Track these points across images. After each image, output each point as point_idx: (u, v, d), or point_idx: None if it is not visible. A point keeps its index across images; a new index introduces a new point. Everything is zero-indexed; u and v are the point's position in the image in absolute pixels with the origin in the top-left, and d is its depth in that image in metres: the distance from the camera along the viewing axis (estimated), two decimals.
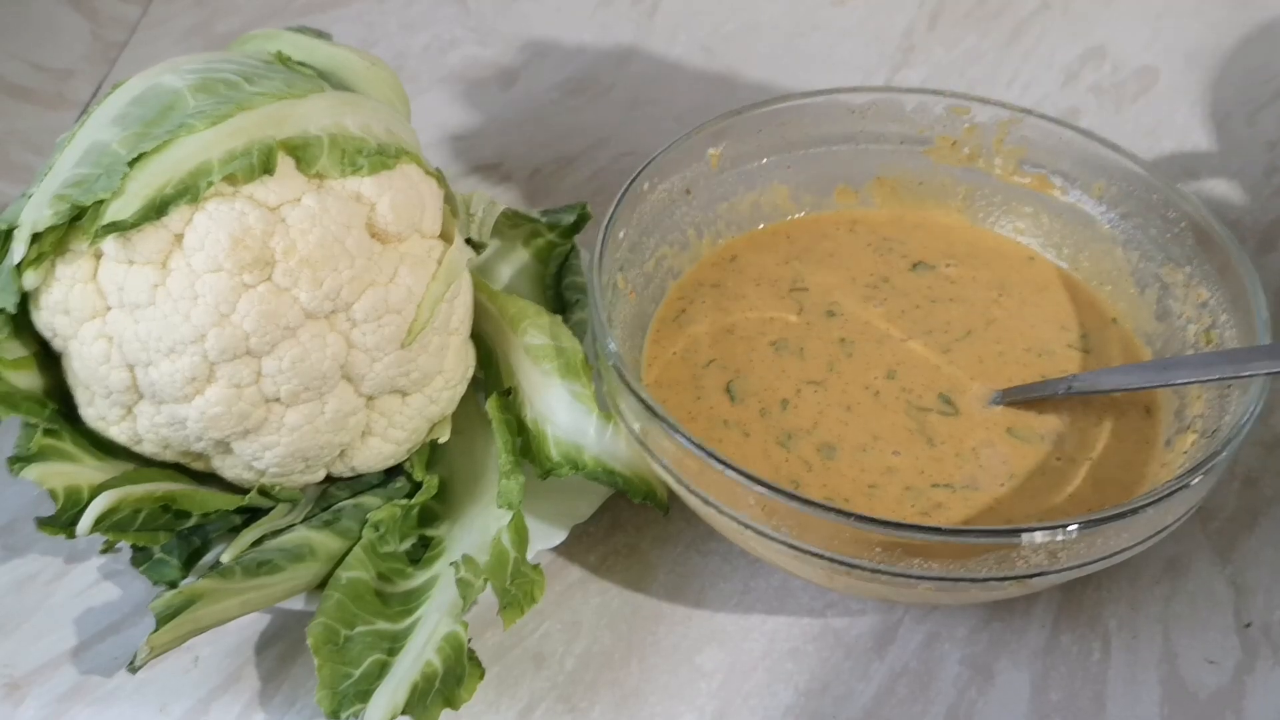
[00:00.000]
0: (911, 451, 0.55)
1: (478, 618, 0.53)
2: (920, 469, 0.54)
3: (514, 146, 0.83)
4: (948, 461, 0.55)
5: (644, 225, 0.61)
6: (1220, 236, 0.57)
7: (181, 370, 0.50)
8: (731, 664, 0.55)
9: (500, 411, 0.56)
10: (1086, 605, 0.57)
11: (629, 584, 0.58)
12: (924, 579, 0.47)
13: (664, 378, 0.59)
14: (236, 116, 0.50)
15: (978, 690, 0.54)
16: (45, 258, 0.50)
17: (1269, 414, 0.65)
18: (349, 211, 0.51)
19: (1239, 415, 0.50)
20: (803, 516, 0.47)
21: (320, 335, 0.51)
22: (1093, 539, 0.46)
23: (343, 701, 0.48)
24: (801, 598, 0.57)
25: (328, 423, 0.53)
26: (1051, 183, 0.64)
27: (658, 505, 0.56)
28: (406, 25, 0.94)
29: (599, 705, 0.53)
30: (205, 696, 0.54)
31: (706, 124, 0.62)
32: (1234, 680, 0.54)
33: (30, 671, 0.54)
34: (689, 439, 0.48)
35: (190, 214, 0.49)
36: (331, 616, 0.51)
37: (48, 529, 0.52)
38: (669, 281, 0.64)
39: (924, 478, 0.54)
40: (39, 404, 0.53)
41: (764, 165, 0.65)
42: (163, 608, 0.50)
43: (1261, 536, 0.59)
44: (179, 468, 0.56)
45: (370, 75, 0.60)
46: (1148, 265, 0.61)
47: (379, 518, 0.55)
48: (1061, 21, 0.94)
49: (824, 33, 0.93)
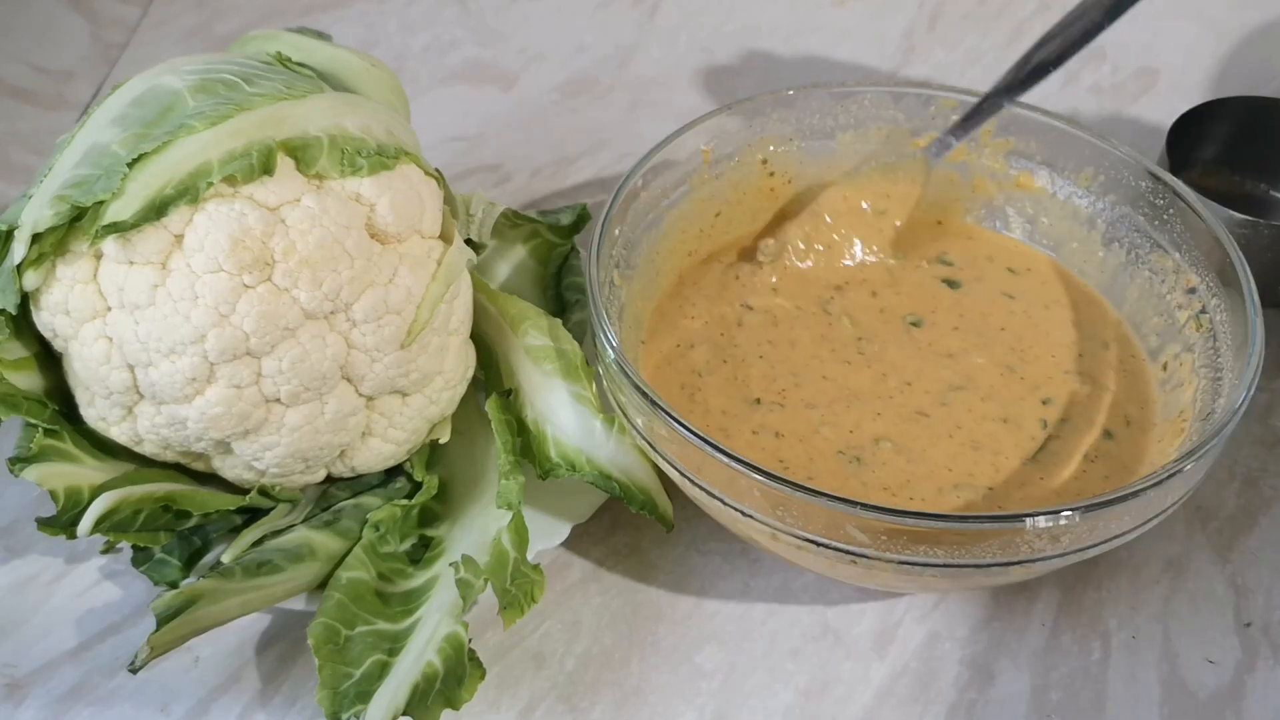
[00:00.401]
0: (911, 435, 0.56)
1: (478, 618, 0.53)
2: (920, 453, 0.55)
3: (514, 147, 0.83)
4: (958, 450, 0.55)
5: (640, 222, 0.61)
6: (1209, 222, 0.57)
7: (182, 371, 0.50)
8: (731, 664, 0.55)
9: (500, 412, 0.56)
10: (1086, 605, 0.57)
11: (629, 584, 0.58)
12: (929, 566, 0.47)
13: (663, 372, 0.59)
14: (236, 117, 0.50)
15: (978, 690, 0.54)
16: (45, 258, 0.50)
17: (1269, 414, 0.65)
18: (349, 212, 0.51)
19: (1233, 400, 0.50)
20: (806, 505, 0.47)
21: (320, 336, 0.51)
22: (1093, 523, 0.46)
23: (343, 702, 0.48)
24: (802, 597, 0.57)
25: (328, 423, 0.53)
26: (1038, 173, 0.64)
27: (660, 518, 0.56)
28: (407, 26, 0.94)
29: (599, 705, 0.53)
30: (206, 696, 0.54)
31: (699, 120, 0.62)
32: (1234, 680, 0.54)
33: (31, 672, 0.54)
34: (691, 430, 0.48)
35: (190, 215, 0.49)
36: (332, 616, 0.51)
37: (48, 529, 0.52)
38: (667, 277, 0.64)
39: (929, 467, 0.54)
40: (40, 405, 0.53)
41: (756, 160, 0.65)
42: (163, 608, 0.50)
43: (1261, 536, 0.59)
44: (179, 468, 0.56)
45: (370, 76, 0.60)
46: (1136, 252, 0.61)
47: (379, 518, 0.56)
48: None
49: (824, 33, 0.94)
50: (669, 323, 0.62)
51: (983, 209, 0.67)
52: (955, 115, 0.64)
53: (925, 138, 0.65)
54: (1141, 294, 0.61)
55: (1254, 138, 0.73)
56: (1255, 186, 0.75)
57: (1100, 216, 0.63)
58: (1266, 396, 0.65)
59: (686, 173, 0.63)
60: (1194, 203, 0.58)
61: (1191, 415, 0.54)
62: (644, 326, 0.61)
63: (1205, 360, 0.55)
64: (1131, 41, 0.91)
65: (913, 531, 0.46)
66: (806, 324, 0.61)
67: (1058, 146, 0.63)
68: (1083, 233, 0.64)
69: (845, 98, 0.65)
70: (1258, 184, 0.75)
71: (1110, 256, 0.63)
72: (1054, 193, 0.64)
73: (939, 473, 0.54)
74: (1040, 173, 0.64)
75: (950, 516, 0.50)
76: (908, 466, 0.54)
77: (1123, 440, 0.56)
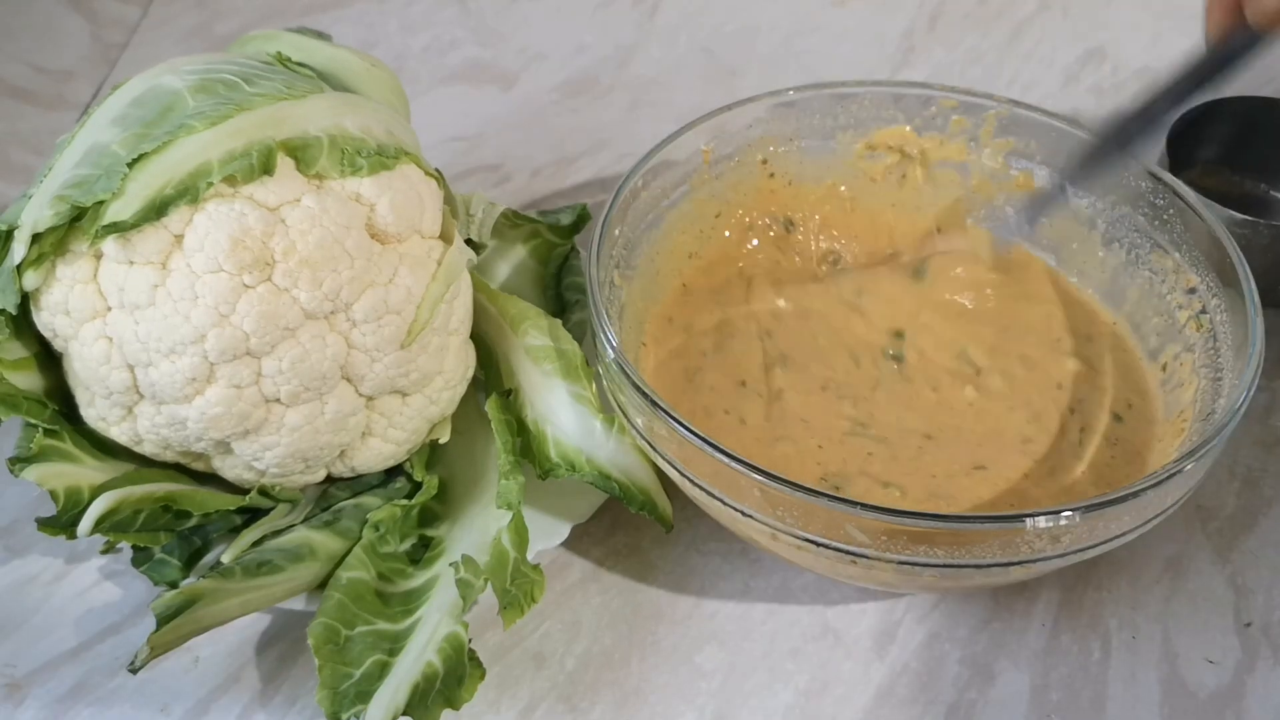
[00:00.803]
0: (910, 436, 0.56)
1: (478, 618, 0.53)
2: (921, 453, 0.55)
3: (514, 147, 0.83)
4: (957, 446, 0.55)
5: (640, 222, 0.61)
6: (1209, 222, 0.57)
7: (182, 371, 0.50)
8: (731, 664, 0.55)
9: (500, 412, 0.56)
10: (1086, 605, 0.57)
11: (629, 584, 0.58)
12: (929, 566, 0.47)
13: (663, 373, 0.59)
14: (236, 117, 0.50)
15: (978, 690, 0.54)
16: (46, 258, 0.50)
17: (1269, 414, 0.65)
18: (348, 212, 0.51)
19: (1233, 400, 0.50)
20: (806, 505, 0.47)
21: (320, 336, 0.51)
22: (1093, 523, 0.46)
23: (343, 702, 0.48)
24: (801, 597, 0.57)
25: (328, 423, 0.53)
26: (1038, 173, 0.64)
27: (659, 519, 0.56)
28: (407, 26, 0.94)
29: (599, 705, 0.53)
30: (206, 697, 0.54)
31: (699, 120, 0.62)
32: (1234, 680, 0.54)
33: (31, 672, 0.54)
34: (691, 430, 0.48)
35: (190, 215, 0.49)
36: (332, 616, 0.51)
37: (48, 530, 0.52)
38: (667, 278, 0.64)
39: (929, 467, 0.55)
40: (40, 405, 0.53)
41: (756, 160, 0.65)
42: (163, 608, 0.50)
43: (1261, 536, 0.59)
44: (179, 468, 0.56)
45: (370, 76, 0.60)
46: (1136, 252, 0.61)
47: (379, 518, 0.56)
48: (1061, 22, 0.94)
49: (824, 33, 0.94)
50: (671, 324, 0.62)
51: (983, 209, 0.66)
52: (955, 115, 0.64)
53: (922, 138, 0.65)
54: (1141, 294, 0.61)
55: (1254, 138, 0.73)
56: (1255, 186, 0.75)
57: (1100, 217, 0.63)
58: (1266, 396, 0.65)
59: (686, 173, 0.63)
60: (1194, 203, 0.58)
61: (1192, 415, 0.54)
62: (644, 327, 0.61)
63: (1205, 360, 0.55)
64: (1131, 41, 0.91)
65: (913, 532, 0.46)
66: (811, 326, 0.61)
67: (1058, 146, 0.63)
68: (1083, 233, 0.64)
69: (845, 98, 0.65)
70: (1258, 184, 0.75)
71: (1110, 257, 0.63)
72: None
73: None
74: (1040, 173, 0.64)
75: (950, 517, 0.50)
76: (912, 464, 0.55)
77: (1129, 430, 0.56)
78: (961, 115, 0.64)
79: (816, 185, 0.66)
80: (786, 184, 0.67)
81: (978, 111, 0.64)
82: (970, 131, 0.65)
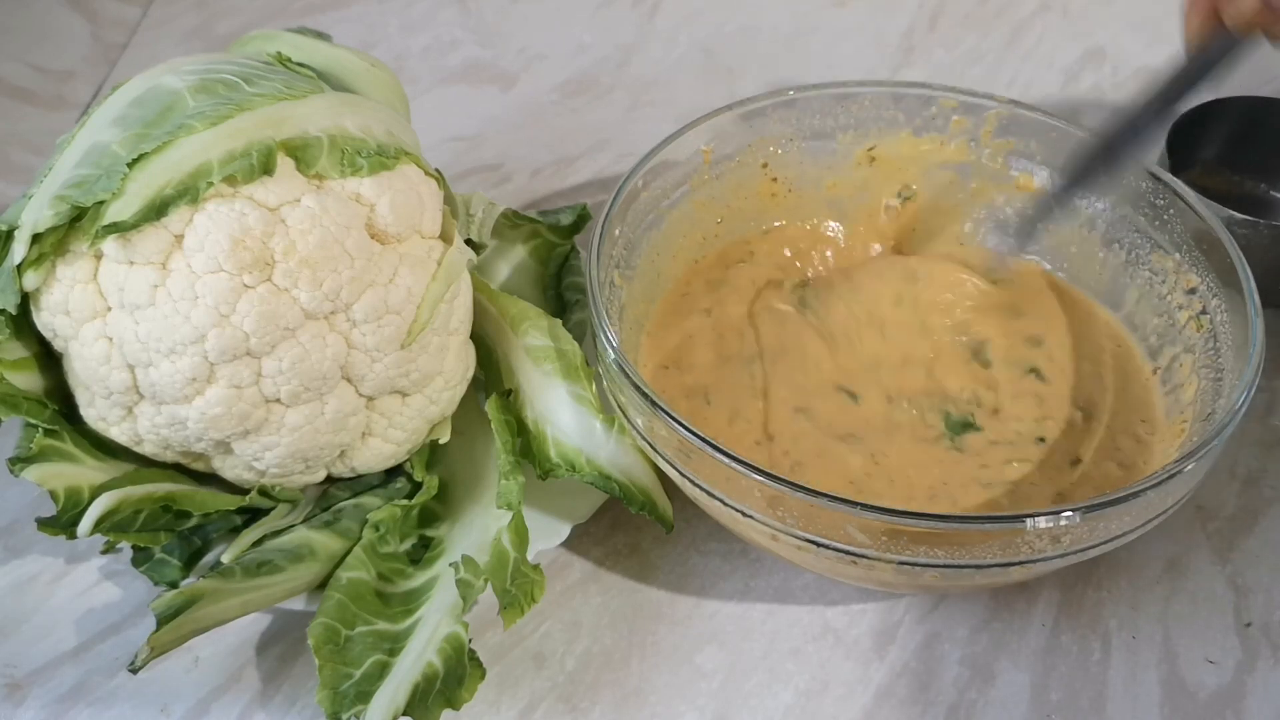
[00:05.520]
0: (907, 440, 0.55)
1: (478, 618, 0.53)
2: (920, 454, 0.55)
3: (514, 147, 0.83)
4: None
5: (640, 223, 0.61)
6: (1209, 222, 0.57)
7: (182, 371, 0.50)
8: (731, 664, 0.55)
9: (500, 412, 0.56)
10: (1086, 605, 0.57)
11: (629, 584, 0.58)
12: (929, 566, 0.47)
13: (663, 373, 0.59)
14: (236, 117, 0.50)
15: (978, 690, 0.54)
16: (46, 258, 0.50)
17: (1269, 414, 0.65)
18: (349, 212, 0.51)
19: (1233, 400, 0.50)
20: (806, 505, 0.47)
21: (320, 336, 0.51)
22: (1094, 523, 0.46)
23: (343, 702, 0.48)
24: (801, 597, 0.57)
25: (328, 423, 0.53)
26: (1038, 173, 0.64)
27: (659, 519, 0.56)
28: (407, 26, 0.94)
29: (599, 705, 0.53)
30: (206, 697, 0.54)
31: (699, 120, 0.62)
32: (1234, 680, 0.54)
33: (31, 672, 0.54)
34: (690, 430, 0.48)
35: (190, 215, 0.49)
36: (332, 617, 0.51)
37: (48, 530, 0.52)
38: (668, 278, 0.64)
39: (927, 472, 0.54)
40: (40, 405, 0.53)
41: (756, 161, 0.65)
42: (163, 608, 0.50)
43: (1261, 536, 0.59)
44: (179, 468, 0.56)
45: (370, 76, 0.60)
46: (1136, 253, 0.61)
47: (379, 518, 0.56)
48: (1061, 22, 0.94)
49: (824, 33, 0.94)
50: (671, 324, 0.62)
51: (983, 210, 0.66)
52: (956, 116, 0.64)
53: (924, 139, 0.65)
54: (1141, 295, 0.61)
55: (1254, 138, 0.73)
56: (1255, 186, 0.75)
57: (1100, 217, 0.63)
58: (1266, 396, 0.65)
59: (687, 173, 0.63)
60: (1194, 203, 0.58)
61: (1192, 416, 0.54)
62: (644, 327, 0.61)
63: (1206, 361, 0.55)
64: (1132, 41, 0.91)
65: (913, 532, 0.46)
66: (813, 328, 0.61)
67: (1058, 146, 0.63)
68: (1082, 234, 0.64)
69: (845, 98, 0.65)
70: (1258, 184, 0.75)
71: (1110, 257, 0.63)
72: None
73: None
74: (1040, 173, 0.64)
75: (950, 517, 0.50)
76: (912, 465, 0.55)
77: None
78: (962, 115, 0.64)
79: (818, 183, 0.66)
80: (787, 186, 0.66)
81: (978, 112, 0.64)
82: (970, 132, 0.65)
